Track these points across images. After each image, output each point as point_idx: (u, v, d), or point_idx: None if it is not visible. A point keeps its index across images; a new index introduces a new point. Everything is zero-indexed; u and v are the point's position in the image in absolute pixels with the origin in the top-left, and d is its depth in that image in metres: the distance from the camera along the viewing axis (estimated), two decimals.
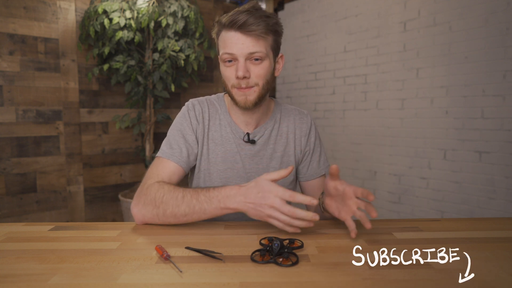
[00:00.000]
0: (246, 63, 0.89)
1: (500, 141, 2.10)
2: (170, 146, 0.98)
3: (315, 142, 1.09)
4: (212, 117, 1.03)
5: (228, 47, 0.89)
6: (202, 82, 3.15)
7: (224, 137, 1.02)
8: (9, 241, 0.78)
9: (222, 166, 1.01)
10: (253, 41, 0.88)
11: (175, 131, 1.00)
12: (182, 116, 1.02)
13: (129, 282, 0.59)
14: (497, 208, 2.12)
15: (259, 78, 0.91)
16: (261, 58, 0.90)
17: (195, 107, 1.02)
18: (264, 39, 0.89)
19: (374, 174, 2.77)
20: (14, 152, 2.29)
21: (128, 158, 2.80)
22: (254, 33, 0.87)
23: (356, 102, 2.88)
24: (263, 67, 0.91)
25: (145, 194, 0.88)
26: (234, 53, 0.88)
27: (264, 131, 1.04)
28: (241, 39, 0.88)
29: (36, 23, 2.32)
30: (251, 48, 0.88)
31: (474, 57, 2.18)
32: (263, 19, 0.88)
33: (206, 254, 0.69)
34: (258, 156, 1.03)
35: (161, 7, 2.43)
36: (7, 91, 2.24)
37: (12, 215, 2.30)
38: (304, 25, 3.28)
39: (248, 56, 0.89)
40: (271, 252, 0.68)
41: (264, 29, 0.88)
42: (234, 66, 0.91)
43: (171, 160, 0.96)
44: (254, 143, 1.02)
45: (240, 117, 1.02)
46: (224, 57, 0.91)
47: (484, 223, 0.91)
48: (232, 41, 0.88)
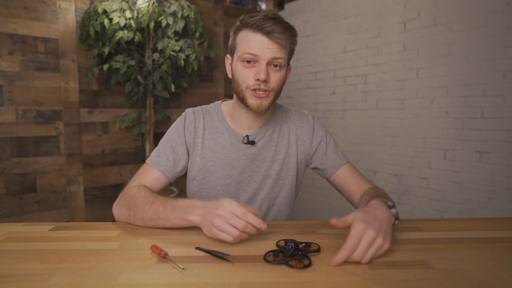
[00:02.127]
0: (267, 68, 0.90)
1: (500, 141, 2.10)
2: (158, 154, 1.02)
3: (326, 136, 1.09)
4: (208, 126, 1.04)
5: (252, 48, 0.89)
6: (202, 82, 3.15)
7: (222, 144, 1.02)
8: (9, 241, 0.78)
9: (221, 173, 1.02)
10: (278, 47, 0.90)
11: (166, 140, 1.04)
12: (176, 126, 1.05)
13: (129, 282, 0.59)
14: (497, 208, 2.12)
15: (275, 85, 0.93)
16: (281, 65, 0.92)
17: (190, 117, 1.04)
18: (286, 49, 0.92)
19: (374, 174, 2.77)
20: (14, 152, 2.29)
21: (128, 158, 2.80)
22: (280, 41, 0.89)
23: (356, 102, 2.88)
24: (281, 74, 0.93)
25: (124, 195, 0.93)
26: (258, 54, 0.89)
27: (265, 133, 1.04)
28: (267, 43, 0.89)
29: (36, 23, 2.32)
30: (276, 53, 0.90)
31: (474, 57, 2.18)
32: (291, 30, 0.91)
33: (215, 255, 0.68)
34: (258, 159, 1.03)
35: (161, 7, 2.43)
36: (7, 91, 2.24)
37: (12, 215, 2.30)
38: (304, 25, 3.27)
39: (271, 60, 0.90)
40: (285, 253, 0.67)
41: (289, 40, 0.91)
42: (254, 68, 0.91)
43: (156, 168, 1.00)
44: (253, 144, 1.02)
45: (244, 121, 1.02)
46: (245, 56, 0.91)
47: (484, 223, 0.91)
48: (258, 44, 0.89)
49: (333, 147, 1.09)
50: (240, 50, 0.92)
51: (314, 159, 1.09)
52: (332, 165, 1.07)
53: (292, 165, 1.06)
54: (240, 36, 0.93)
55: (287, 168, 1.06)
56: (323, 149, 1.08)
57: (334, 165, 1.07)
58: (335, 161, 1.07)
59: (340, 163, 1.07)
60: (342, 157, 1.08)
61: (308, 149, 1.08)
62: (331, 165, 1.07)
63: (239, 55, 0.92)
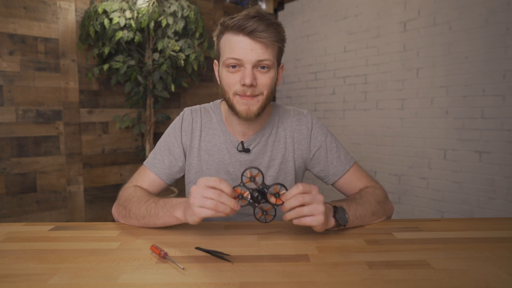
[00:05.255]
0: (253, 71, 0.85)
1: (500, 141, 2.10)
2: (154, 156, 1.01)
3: (326, 140, 1.02)
4: (206, 127, 1.00)
5: (235, 52, 0.84)
6: (202, 82, 3.15)
7: (218, 147, 0.99)
8: (9, 241, 0.78)
9: (216, 176, 0.99)
10: (262, 48, 0.84)
11: (163, 141, 1.02)
12: (173, 127, 1.02)
13: (129, 282, 0.59)
14: (497, 208, 2.12)
15: (264, 87, 0.87)
16: (268, 66, 0.86)
17: (188, 118, 1.01)
18: (272, 47, 0.86)
19: (374, 174, 2.77)
20: (14, 152, 2.29)
21: (128, 158, 2.80)
22: (264, 41, 0.83)
23: (356, 102, 2.88)
24: (270, 76, 0.87)
25: (121, 195, 0.94)
26: (242, 58, 0.84)
27: (261, 138, 0.99)
28: (250, 45, 0.83)
29: (36, 23, 2.32)
30: (261, 55, 0.84)
31: (474, 57, 2.18)
32: (274, 27, 0.84)
33: (215, 255, 0.68)
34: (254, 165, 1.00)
35: (161, 7, 2.43)
36: (7, 91, 2.24)
37: (12, 215, 2.30)
38: (304, 25, 3.28)
39: (256, 63, 0.84)
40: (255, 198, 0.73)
41: (274, 37, 0.84)
42: (239, 72, 0.86)
43: (152, 171, 0.99)
44: (248, 152, 0.98)
45: (237, 128, 0.97)
46: (229, 62, 0.85)
47: (484, 223, 0.91)
48: (240, 46, 0.83)
49: (335, 152, 1.01)
50: (224, 55, 0.87)
51: (313, 165, 1.03)
52: (334, 173, 1.01)
53: (290, 170, 1.01)
54: (223, 41, 0.87)
55: (285, 174, 1.01)
56: (323, 155, 1.01)
57: (336, 173, 1.01)
58: (336, 168, 1.00)
59: (342, 170, 1.00)
60: (345, 162, 1.01)
61: (306, 154, 1.02)
62: (332, 173, 1.01)
63: (223, 60, 0.87)
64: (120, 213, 0.91)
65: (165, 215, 0.80)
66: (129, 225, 0.89)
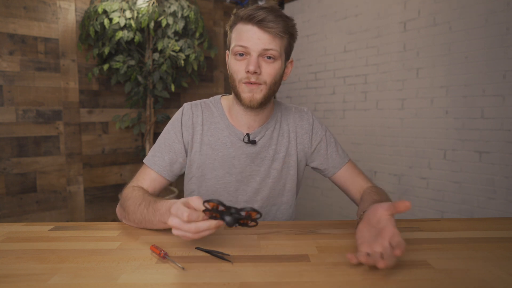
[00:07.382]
0: (259, 59, 0.87)
1: (500, 141, 2.10)
2: (154, 153, 1.00)
3: (326, 135, 1.07)
4: (207, 121, 1.00)
5: (243, 40, 0.87)
6: (202, 82, 3.15)
7: (221, 141, 0.99)
8: (9, 241, 0.78)
9: (220, 171, 0.99)
10: (269, 38, 0.86)
11: (163, 138, 1.01)
12: (173, 123, 1.01)
13: (129, 282, 0.59)
14: (497, 208, 2.12)
15: (268, 77, 0.89)
16: (274, 57, 0.88)
17: (188, 112, 1.00)
18: (280, 38, 0.88)
19: (374, 174, 2.77)
20: (14, 152, 2.29)
21: (128, 158, 2.80)
22: (272, 31, 0.85)
23: (356, 102, 2.88)
24: (275, 66, 0.89)
25: (121, 196, 0.94)
26: (248, 46, 0.86)
27: (265, 132, 1.01)
28: (258, 34, 0.86)
29: (36, 23, 2.32)
30: (267, 45, 0.86)
31: (474, 57, 2.18)
32: (283, 18, 0.87)
33: (215, 255, 0.68)
34: (259, 158, 1.01)
35: (161, 7, 2.43)
36: (7, 91, 2.24)
37: (12, 215, 2.30)
38: (304, 25, 3.27)
39: (262, 52, 0.87)
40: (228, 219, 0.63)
41: (282, 28, 0.86)
42: (245, 60, 0.88)
43: (153, 168, 0.98)
44: (254, 143, 0.99)
45: (243, 119, 0.98)
46: (236, 49, 0.88)
47: (484, 223, 0.91)
48: (248, 35, 0.86)
49: (334, 146, 1.07)
50: (232, 43, 0.90)
51: (313, 158, 1.07)
52: (334, 165, 1.05)
53: (293, 163, 1.04)
54: (234, 30, 0.91)
55: (288, 167, 1.04)
56: (324, 148, 1.05)
57: (335, 165, 1.05)
58: (336, 161, 1.05)
59: (341, 163, 1.05)
60: (343, 156, 1.06)
61: (308, 148, 1.06)
62: (332, 165, 1.05)
63: (231, 48, 0.90)
64: (121, 214, 0.92)
65: (158, 222, 0.78)
66: (130, 225, 0.89)
